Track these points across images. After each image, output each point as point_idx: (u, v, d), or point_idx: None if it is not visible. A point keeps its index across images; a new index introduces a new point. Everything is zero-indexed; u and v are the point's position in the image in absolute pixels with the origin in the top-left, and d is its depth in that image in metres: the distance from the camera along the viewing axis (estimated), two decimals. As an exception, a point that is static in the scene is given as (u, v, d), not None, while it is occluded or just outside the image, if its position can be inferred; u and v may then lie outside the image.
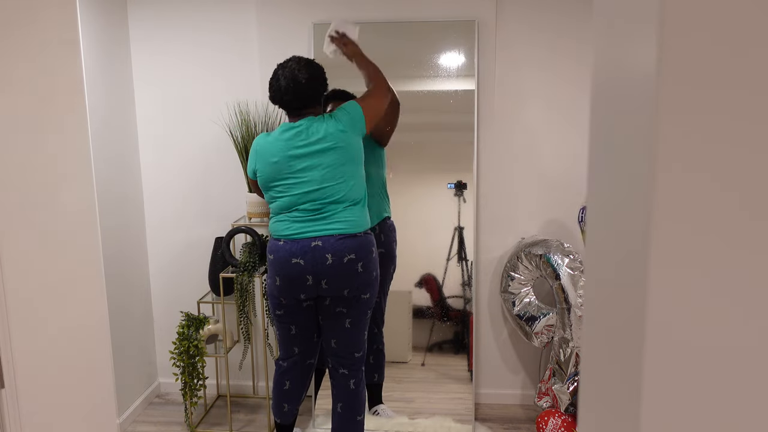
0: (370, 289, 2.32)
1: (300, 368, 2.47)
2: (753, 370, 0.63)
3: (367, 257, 2.27)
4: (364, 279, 2.28)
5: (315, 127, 2.24)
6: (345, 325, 2.35)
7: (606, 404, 0.77)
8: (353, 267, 2.24)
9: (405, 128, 2.75)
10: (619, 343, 0.70)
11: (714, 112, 0.59)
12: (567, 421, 2.61)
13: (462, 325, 3.06)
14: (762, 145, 0.59)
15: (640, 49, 0.63)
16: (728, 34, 0.58)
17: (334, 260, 2.21)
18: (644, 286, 0.62)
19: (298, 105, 2.27)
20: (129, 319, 3.03)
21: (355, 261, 2.24)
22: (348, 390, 2.39)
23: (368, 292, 2.32)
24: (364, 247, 2.27)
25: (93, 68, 2.72)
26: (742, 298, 0.62)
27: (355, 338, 2.38)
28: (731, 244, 0.61)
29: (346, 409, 2.40)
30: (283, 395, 2.49)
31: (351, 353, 2.39)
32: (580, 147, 2.95)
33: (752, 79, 0.58)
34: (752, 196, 0.60)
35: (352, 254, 2.23)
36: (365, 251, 2.27)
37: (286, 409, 2.51)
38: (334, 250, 2.21)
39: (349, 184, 2.25)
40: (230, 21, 2.99)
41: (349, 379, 2.39)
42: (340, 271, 2.23)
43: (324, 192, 2.23)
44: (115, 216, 2.89)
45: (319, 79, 2.28)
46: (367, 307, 2.36)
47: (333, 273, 2.22)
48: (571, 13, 2.87)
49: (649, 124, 0.61)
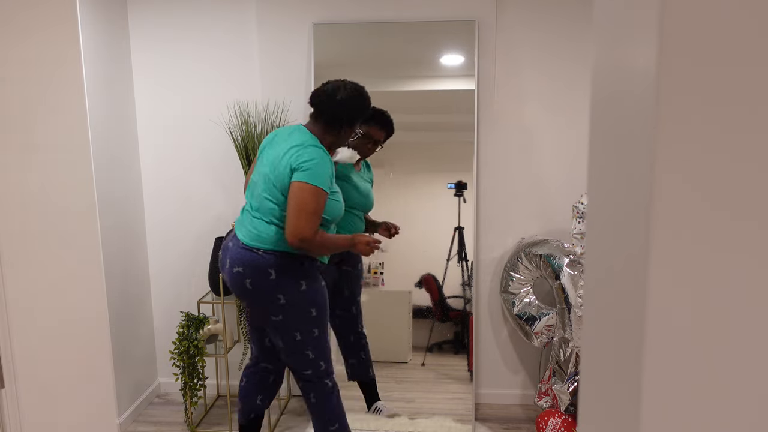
0: (273, 310, 2.17)
1: (253, 369, 2.46)
2: (753, 370, 0.63)
3: (254, 275, 2.13)
4: (255, 297, 2.18)
5: (293, 139, 2.15)
6: (278, 343, 2.27)
7: (606, 404, 0.77)
8: (242, 280, 2.16)
9: (405, 128, 2.74)
10: (619, 343, 0.70)
11: (714, 113, 0.59)
12: (567, 421, 2.61)
13: (462, 325, 3.06)
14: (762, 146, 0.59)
15: (640, 50, 0.63)
16: (728, 35, 0.58)
17: (228, 267, 2.20)
18: (644, 285, 0.62)
19: (316, 113, 2.21)
20: (129, 319, 3.03)
21: (242, 275, 2.15)
22: (310, 402, 2.33)
23: (278, 314, 2.17)
24: (255, 265, 2.13)
25: (93, 68, 2.71)
26: (742, 298, 0.62)
27: (297, 357, 2.26)
28: (731, 244, 0.61)
29: (316, 420, 2.35)
30: (239, 391, 2.49)
31: (301, 369, 2.28)
32: (580, 147, 2.96)
33: (753, 81, 0.58)
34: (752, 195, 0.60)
35: (240, 267, 2.15)
36: (255, 269, 2.13)
37: (239, 407, 2.49)
38: (232, 257, 2.18)
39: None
40: (230, 21, 2.99)
41: (309, 392, 2.31)
42: (231, 279, 2.20)
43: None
44: (115, 216, 2.89)
45: (346, 107, 2.17)
46: (287, 329, 2.21)
47: (229, 279, 2.22)
48: (571, 13, 2.87)
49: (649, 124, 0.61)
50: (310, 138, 2.15)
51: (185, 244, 3.18)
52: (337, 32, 2.95)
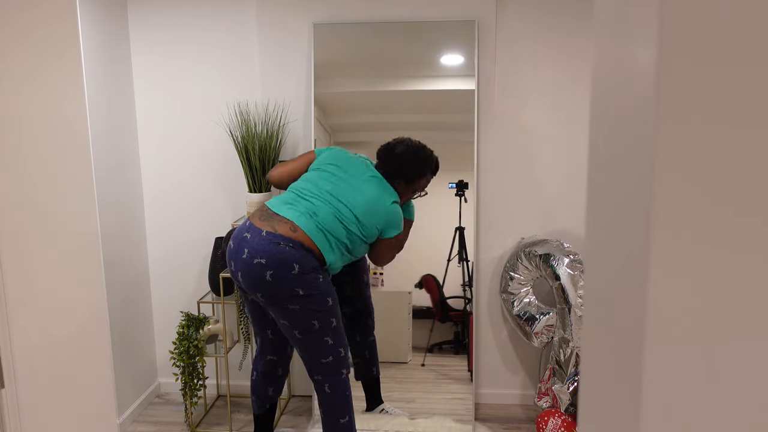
0: (289, 300, 2.20)
1: (261, 361, 2.50)
2: (752, 370, 0.63)
3: (278, 268, 2.16)
4: (273, 289, 2.18)
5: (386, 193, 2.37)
6: (293, 334, 2.27)
7: (606, 404, 0.77)
8: (262, 272, 2.17)
9: (405, 128, 2.75)
10: (619, 343, 0.70)
11: (714, 113, 0.59)
12: (567, 421, 2.61)
13: (462, 325, 3.06)
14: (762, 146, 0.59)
15: (640, 49, 0.63)
16: (728, 34, 0.58)
17: (247, 257, 2.19)
18: (644, 285, 0.62)
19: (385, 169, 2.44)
20: (129, 320, 3.03)
21: (264, 267, 2.16)
22: (325, 394, 2.34)
23: (295, 304, 2.21)
24: (281, 258, 2.17)
25: (93, 68, 2.71)
26: (742, 298, 0.62)
27: (316, 345, 2.28)
28: (731, 244, 0.61)
29: (327, 413, 2.36)
30: (251, 384, 2.56)
31: (321, 357, 2.30)
32: (580, 146, 2.95)
33: (753, 80, 0.58)
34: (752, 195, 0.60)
35: (263, 259, 2.17)
36: (280, 262, 2.16)
37: (252, 399, 2.56)
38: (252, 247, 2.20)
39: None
40: (230, 21, 2.99)
41: (325, 383, 2.32)
42: (249, 270, 2.19)
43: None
44: (115, 215, 2.89)
45: (407, 165, 2.43)
46: (305, 318, 2.23)
47: (243, 269, 2.21)
48: (571, 13, 2.87)
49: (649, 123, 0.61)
50: (393, 193, 2.39)
51: (185, 244, 3.18)
52: (337, 32, 2.95)
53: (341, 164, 2.38)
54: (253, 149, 2.80)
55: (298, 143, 3.02)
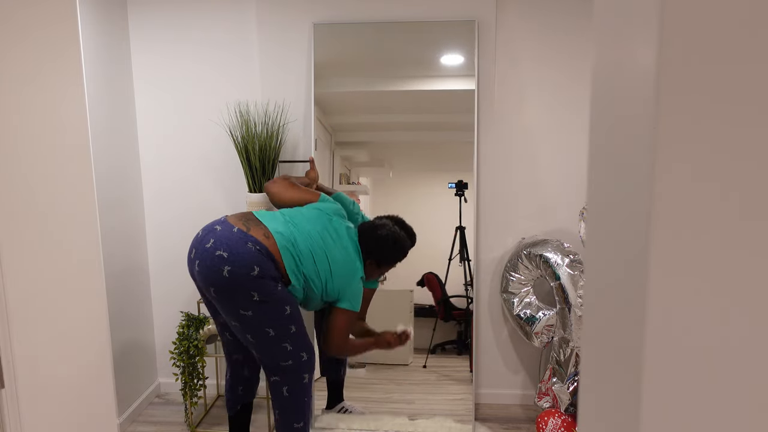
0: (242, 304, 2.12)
1: (228, 360, 2.46)
2: (752, 370, 0.63)
3: (237, 265, 2.07)
4: (227, 287, 2.09)
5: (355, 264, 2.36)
6: (245, 338, 2.19)
7: (606, 404, 0.77)
8: (220, 265, 2.08)
9: (405, 128, 2.74)
10: (619, 343, 0.70)
11: (714, 112, 0.59)
12: (567, 421, 2.61)
13: (465, 325, 3.06)
14: (762, 146, 0.59)
15: (640, 49, 0.63)
16: (728, 33, 0.58)
17: (211, 247, 2.11)
18: (644, 285, 0.62)
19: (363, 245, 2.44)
20: (129, 319, 3.03)
21: (224, 261, 2.07)
22: (282, 396, 2.25)
23: (248, 309, 2.12)
24: (243, 256, 2.09)
25: (93, 68, 2.71)
26: (742, 298, 0.62)
27: (273, 350, 2.19)
28: (731, 244, 0.61)
29: (282, 414, 2.29)
30: (224, 385, 2.54)
31: (279, 361, 2.21)
32: (580, 146, 2.95)
33: (753, 79, 0.58)
34: (752, 194, 0.60)
35: (225, 252, 2.08)
36: (241, 259, 2.08)
37: (225, 400, 2.52)
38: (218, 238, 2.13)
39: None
40: (230, 21, 2.99)
41: (283, 385, 2.24)
42: (208, 261, 2.10)
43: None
44: (115, 215, 2.89)
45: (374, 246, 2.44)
46: (259, 325, 2.15)
47: (202, 260, 2.13)
48: (571, 13, 2.87)
49: (648, 123, 0.60)
50: (362, 271, 2.37)
51: (185, 244, 3.18)
52: (337, 32, 2.95)
53: (336, 224, 2.35)
54: (253, 149, 2.80)
55: (298, 143, 3.02)
